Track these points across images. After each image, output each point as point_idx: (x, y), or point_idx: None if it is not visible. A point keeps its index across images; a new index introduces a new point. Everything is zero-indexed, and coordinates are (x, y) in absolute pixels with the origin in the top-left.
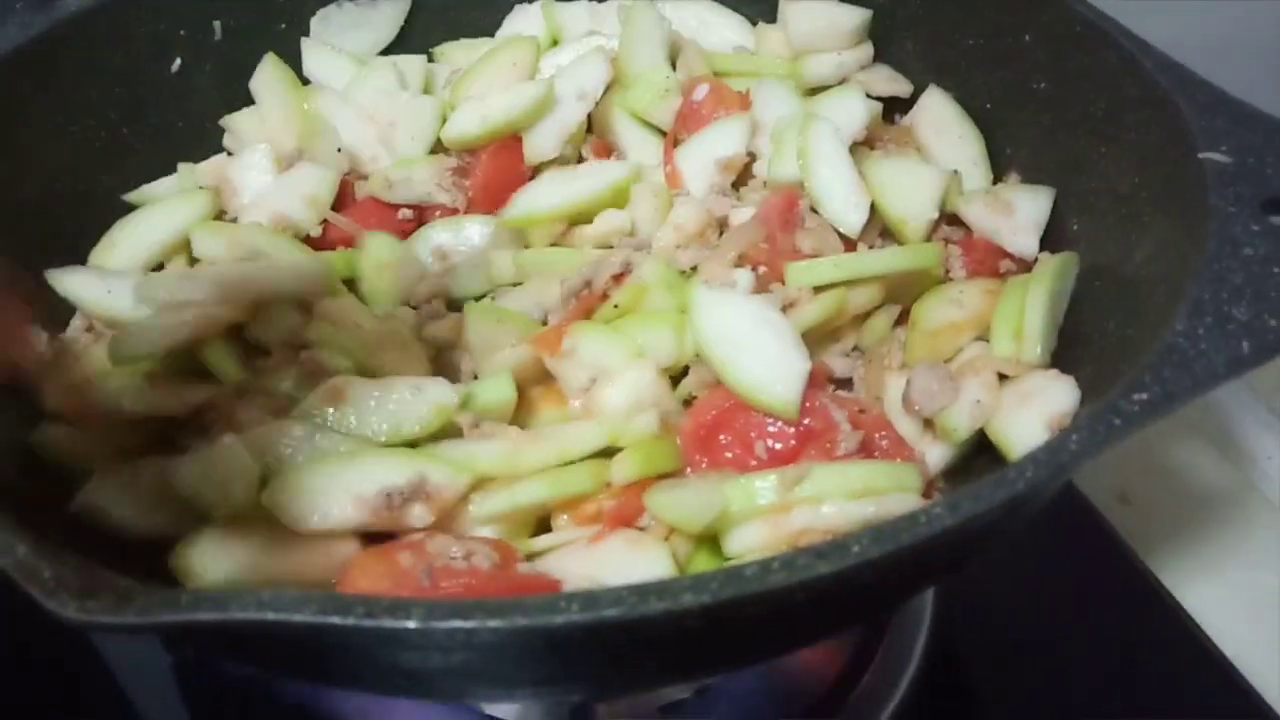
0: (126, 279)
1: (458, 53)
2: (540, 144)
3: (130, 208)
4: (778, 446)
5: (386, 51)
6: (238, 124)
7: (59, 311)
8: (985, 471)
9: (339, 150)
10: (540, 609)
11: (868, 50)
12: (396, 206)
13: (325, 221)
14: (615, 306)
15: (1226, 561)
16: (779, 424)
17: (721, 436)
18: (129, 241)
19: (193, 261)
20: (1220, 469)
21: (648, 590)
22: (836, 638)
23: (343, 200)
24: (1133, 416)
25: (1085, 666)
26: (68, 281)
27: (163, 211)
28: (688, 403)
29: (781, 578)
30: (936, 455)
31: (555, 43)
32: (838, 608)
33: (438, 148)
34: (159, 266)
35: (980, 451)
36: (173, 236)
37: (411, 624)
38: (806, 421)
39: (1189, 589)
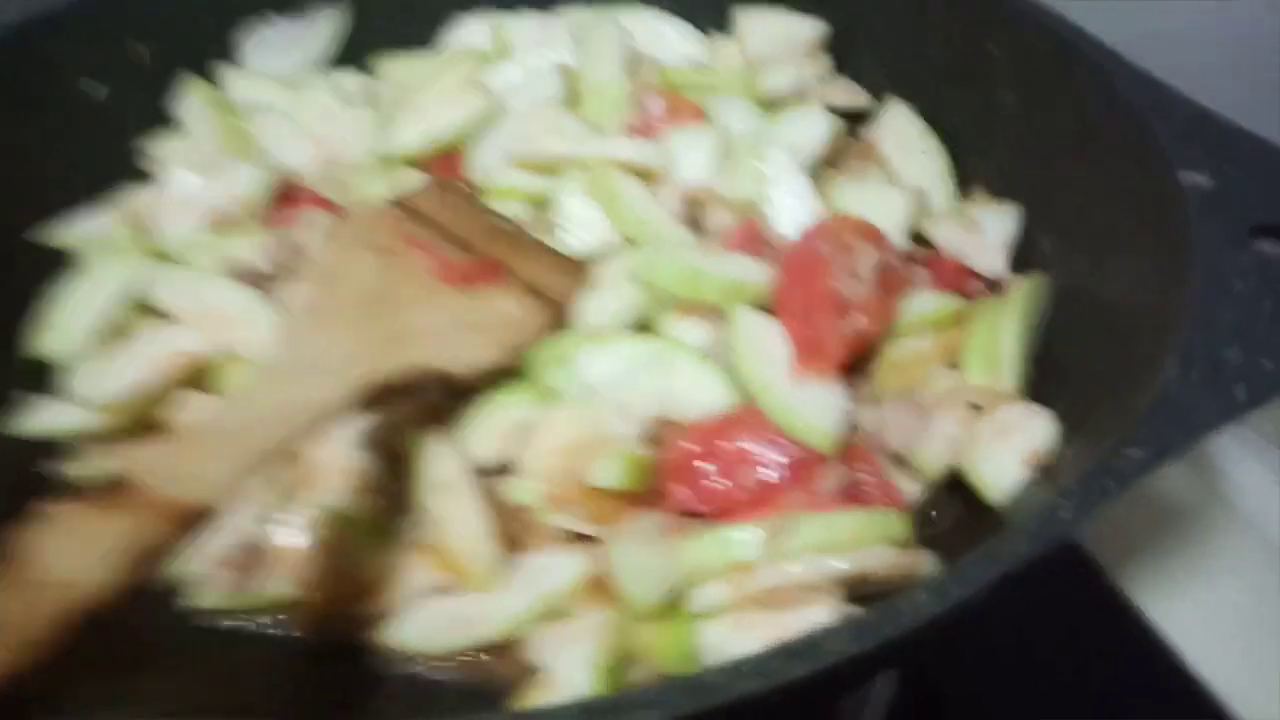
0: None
1: (400, 67)
2: (485, 159)
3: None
4: (767, 477)
5: (324, 68)
6: (164, 151)
7: None
8: (956, 509)
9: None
10: None
11: (826, 63)
12: (341, 208)
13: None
14: None
15: (1196, 575)
16: (766, 453)
17: (705, 465)
18: (69, 322)
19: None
20: (1188, 480)
21: (594, 709)
22: None
23: (283, 197)
24: (1125, 476)
25: (1050, 685)
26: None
27: (98, 278)
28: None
29: (754, 684)
30: (908, 492)
31: (502, 55)
32: (802, 700)
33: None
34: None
35: (952, 489)
36: (115, 304)
37: None
38: (798, 451)
39: (1158, 604)
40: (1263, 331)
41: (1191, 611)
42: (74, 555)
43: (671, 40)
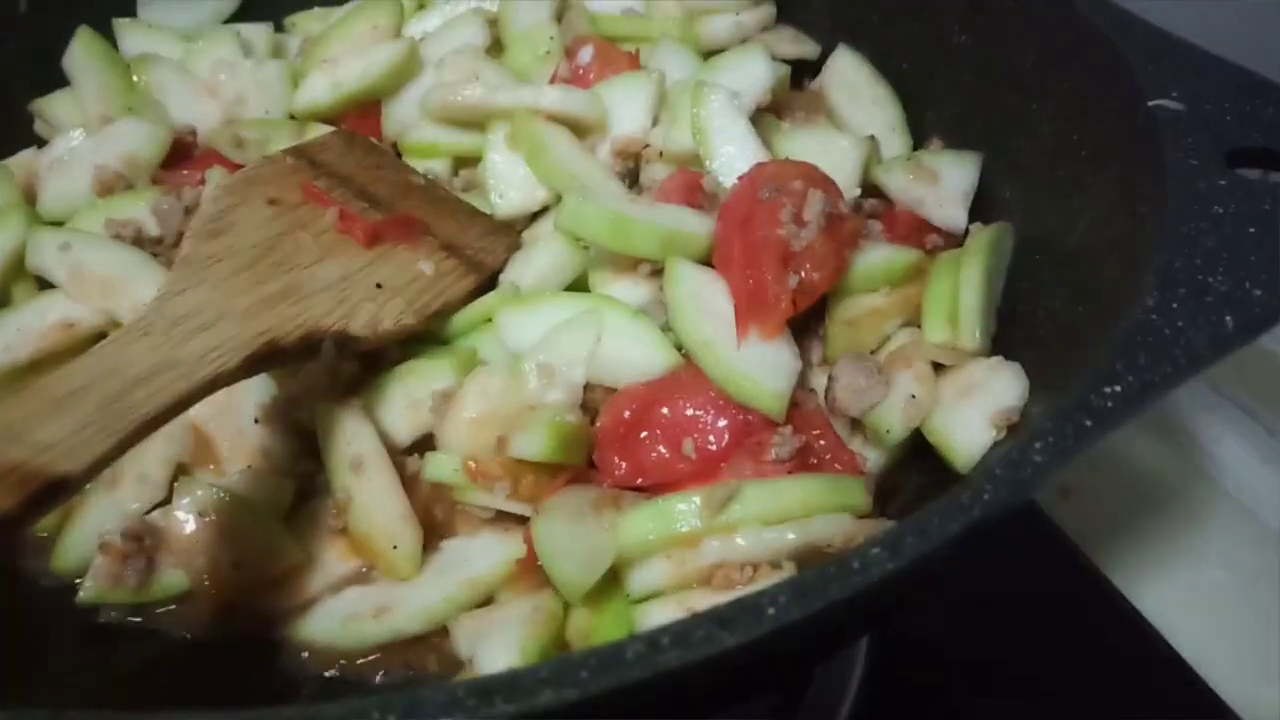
0: None
1: (312, 22)
2: (402, 115)
3: None
4: (710, 444)
5: (228, 23)
6: (50, 109)
7: None
8: (922, 478)
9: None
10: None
11: (769, 10)
12: (242, 166)
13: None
14: None
15: (1177, 554)
16: (710, 418)
17: (643, 434)
18: None
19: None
20: (1166, 455)
21: (490, 689)
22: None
23: (179, 155)
24: (1106, 414)
25: (1030, 670)
26: None
27: None
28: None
29: (675, 656)
30: (867, 462)
31: (421, 7)
32: (749, 677)
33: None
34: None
35: (916, 455)
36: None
37: None
38: (743, 415)
39: (1139, 585)
40: (1249, 257)
41: (1173, 590)
42: None
43: None
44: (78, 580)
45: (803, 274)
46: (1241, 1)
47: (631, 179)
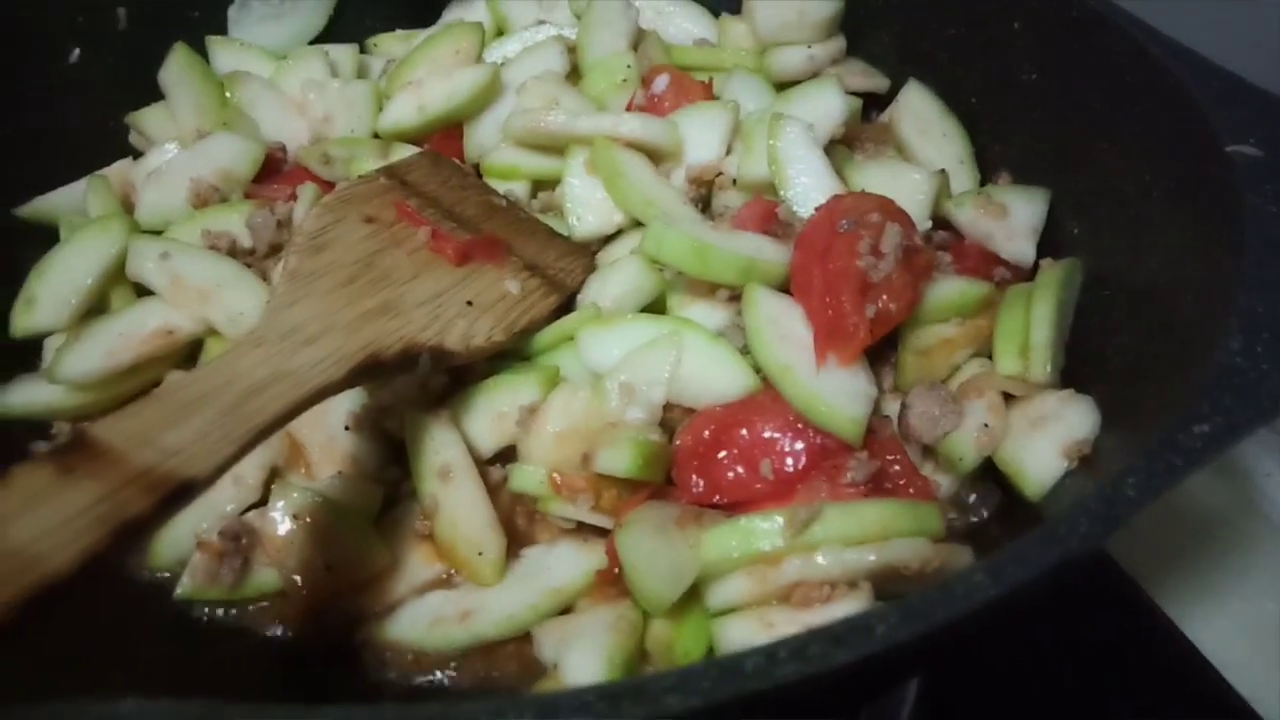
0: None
1: (394, 44)
2: (483, 137)
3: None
4: (787, 466)
5: (315, 43)
6: (145, 121)
7: None
8: (989, 502)
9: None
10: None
11: (840, 43)
12: (331, 183)
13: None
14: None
15: (1231, 588)
16: (787, 441)
17: (722, 454)
18: (51, 296)
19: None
20: (1220, 489)
21: (618, 694)
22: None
23: (269, 170)
24: (1194, 454)
25: (1085, 700)
26: (11, 402)
27: (78, 253)
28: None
29: (792, 670)
30: (940, 488)
31: (500, 33)
32: (843, 692)
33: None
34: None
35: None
36: (96, 279)
37: None
38: (820, 439)
39: (1193, 618)
40: None
41: (1227, 625)
42: (37, 523)
43: (679, 19)
44: (165, 574)
45: (880, 304)
46: None
47: (704, 205)
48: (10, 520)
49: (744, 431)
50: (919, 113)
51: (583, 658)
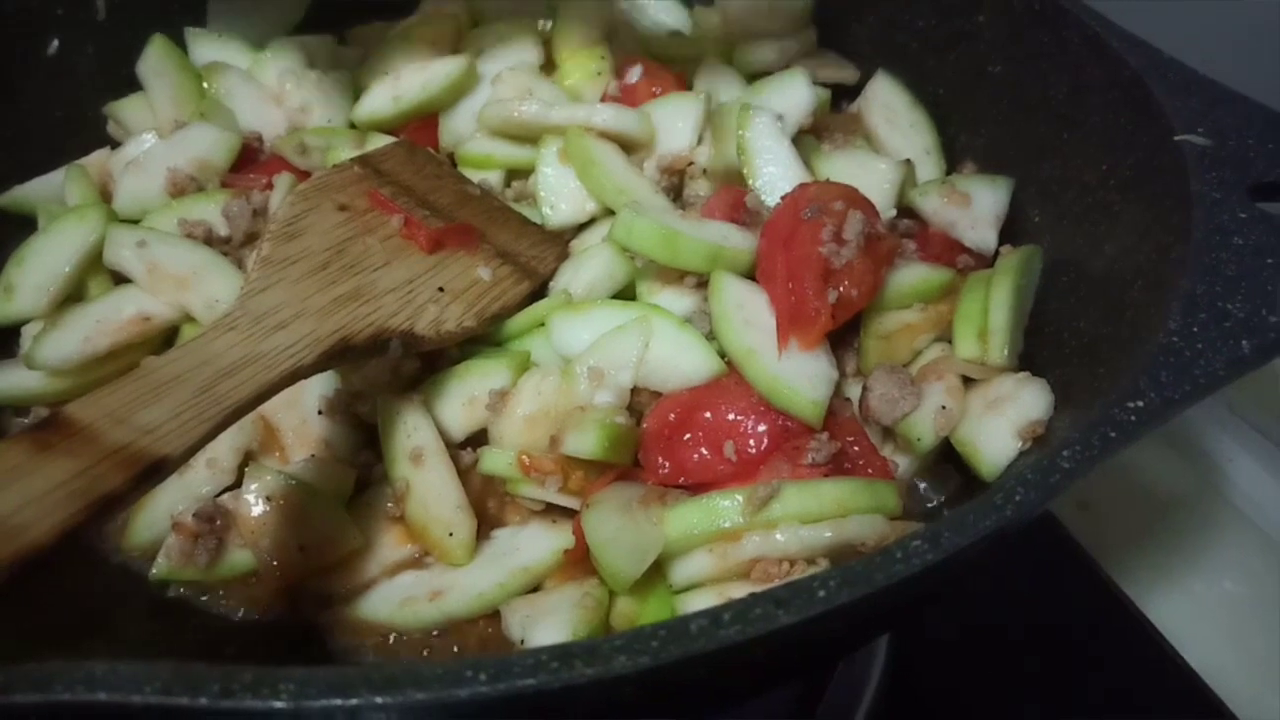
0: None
1: (371, 35)
2: (458, 127)
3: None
4: (750, 447)
5: (293, 34)
6: (123, 112)
7: None
8: (946, 483)
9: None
10: (440, 680)
11: (811, 35)
12: (307, 173)
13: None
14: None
15: (1190, 568)
16: (750, 423)
17: (687, 436)
18: (29, 284)
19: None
20: (1181, 472)
21: (572, 653)
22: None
23: (245, 160)
24: (1129, 427)
25: (1047, 677)
26: None
27: (56, 241)
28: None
29: (735, 632)
30: (898, 468)
31: (475, 23)
32: (792, 658)
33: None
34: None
35: (941, 460)
36: (74, 267)
37: (280, 704)
38: (782, 421)
39: (1152, 596)
40: (1266, 286)
41: (1186, 605)
42: (16, 496)
43: (653, 10)
44: (137, 555)
45: (841, 290)
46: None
47: (675, 194)
48: None
49: (708, 414)
50: (887, 103)
51: (548, 633)
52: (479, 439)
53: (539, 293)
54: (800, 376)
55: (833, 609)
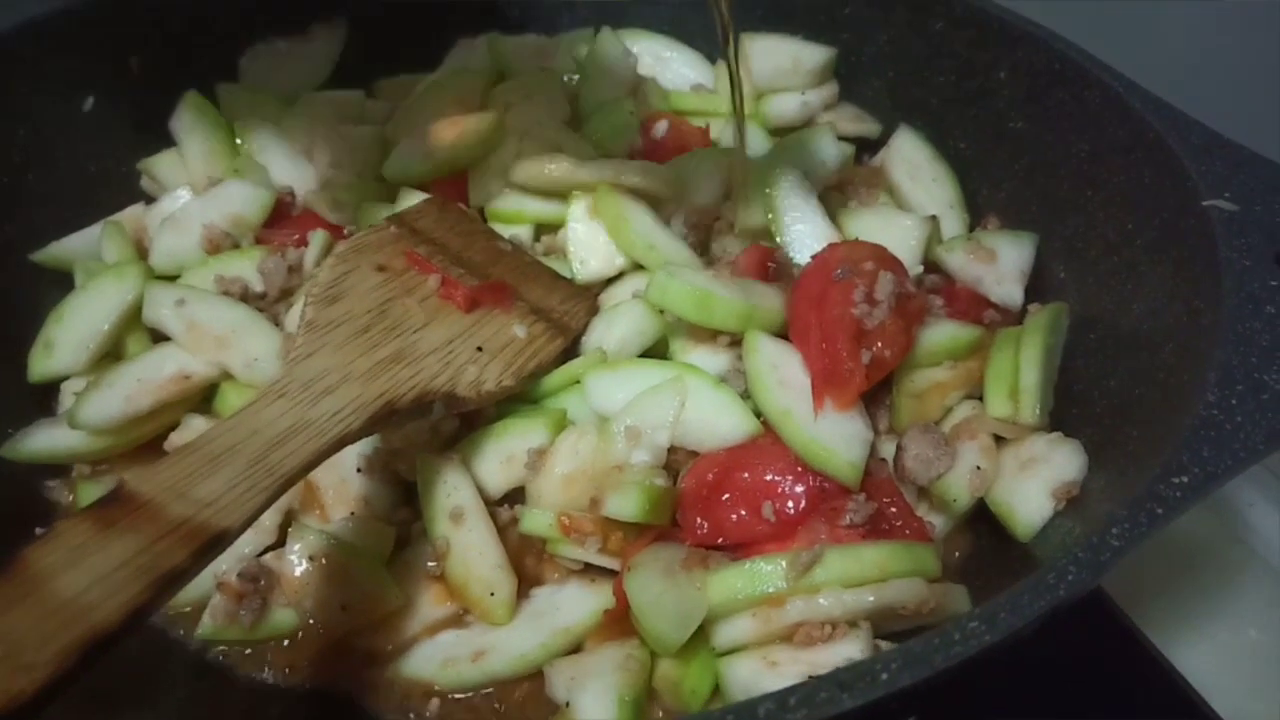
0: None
1: (399, 88)
2: (488, 182)
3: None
4: (788, 508)
5: (322, 89)
6: (157, 167)
7: None
8: (975, 541)
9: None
10: None
11: (833, 89)
12: (339, 227)
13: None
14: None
15: (1214, 615)
16: (787, 483)
17: (725, 496)
18: (69, 341)
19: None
20: (1203, 521)
21: None
22: None
23: (278, 215)
24: (1175, 503)
25: None
26: (31, 446)
27: (96, 298)
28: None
29: (802, 715)
30: (934, 528)
31: (502, 77)
32: None
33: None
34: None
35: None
36: (113, 325)
37: None
38: (819, 481)
39: (1177, 644)
40: None
41: (1211, 652)
42: (84, 574)
43: (677, 65)
44: (178, 614)
45: (875, 350)
46: None
47: (702, 249)
48: (58, 573)
49: (746, 474)
50: (909, 158)
51: (594, 698)
52: (517, 496)
53: (571, 349)
54: (836, 437)
55: (895, 691)
